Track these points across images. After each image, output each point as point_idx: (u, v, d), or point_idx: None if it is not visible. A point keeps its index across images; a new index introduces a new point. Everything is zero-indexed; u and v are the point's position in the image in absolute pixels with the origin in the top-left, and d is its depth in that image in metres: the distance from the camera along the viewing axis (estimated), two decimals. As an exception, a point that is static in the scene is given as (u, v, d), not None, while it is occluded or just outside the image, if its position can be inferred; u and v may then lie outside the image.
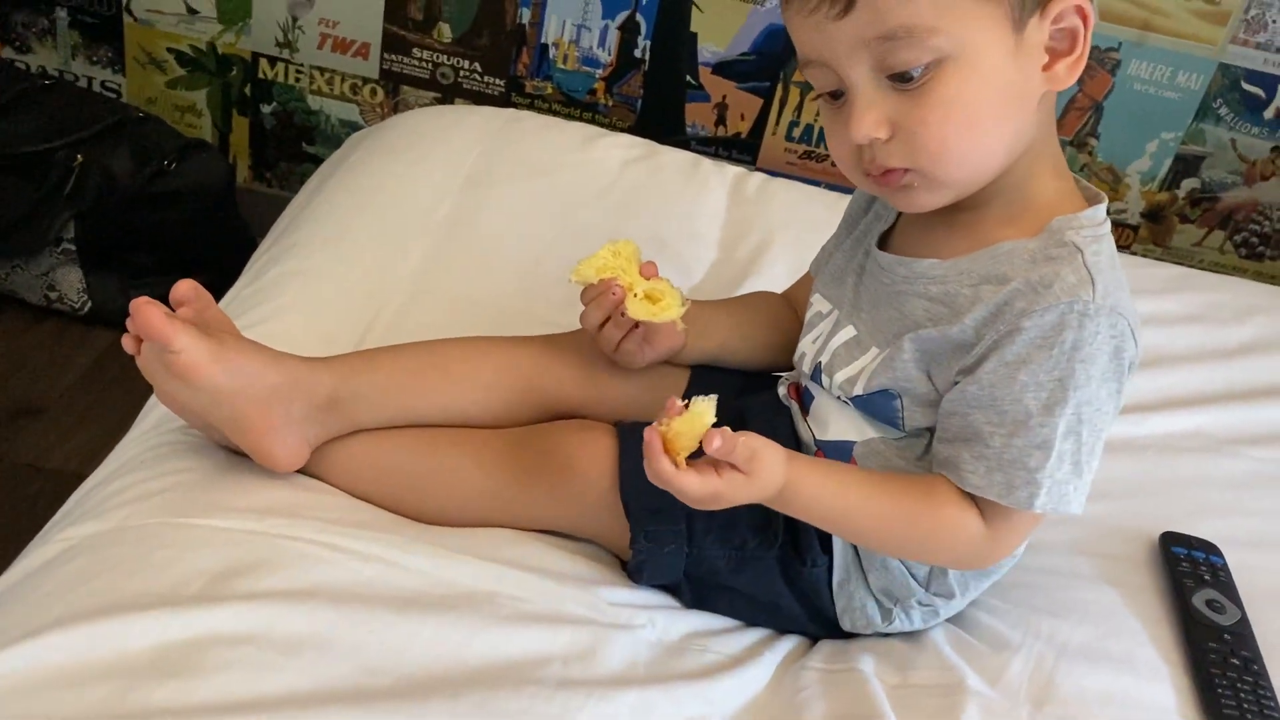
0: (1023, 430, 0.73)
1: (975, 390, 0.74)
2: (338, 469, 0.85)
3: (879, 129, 0.72)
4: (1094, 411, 0.73)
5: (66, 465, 1.43)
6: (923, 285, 0.78)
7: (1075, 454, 0.73)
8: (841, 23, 0.69)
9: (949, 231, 0.78)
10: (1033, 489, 0.73)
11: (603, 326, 0.87)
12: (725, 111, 1.70)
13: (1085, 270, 0.72)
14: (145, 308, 0.75)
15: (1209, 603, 0.91)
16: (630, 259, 0.86)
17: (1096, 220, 0.76)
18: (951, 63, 0.69)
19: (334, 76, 1.75)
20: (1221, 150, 1.66)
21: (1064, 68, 0.72)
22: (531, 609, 0.77)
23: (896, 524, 0.77)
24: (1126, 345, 0.73)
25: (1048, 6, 0.70)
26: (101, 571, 0.73)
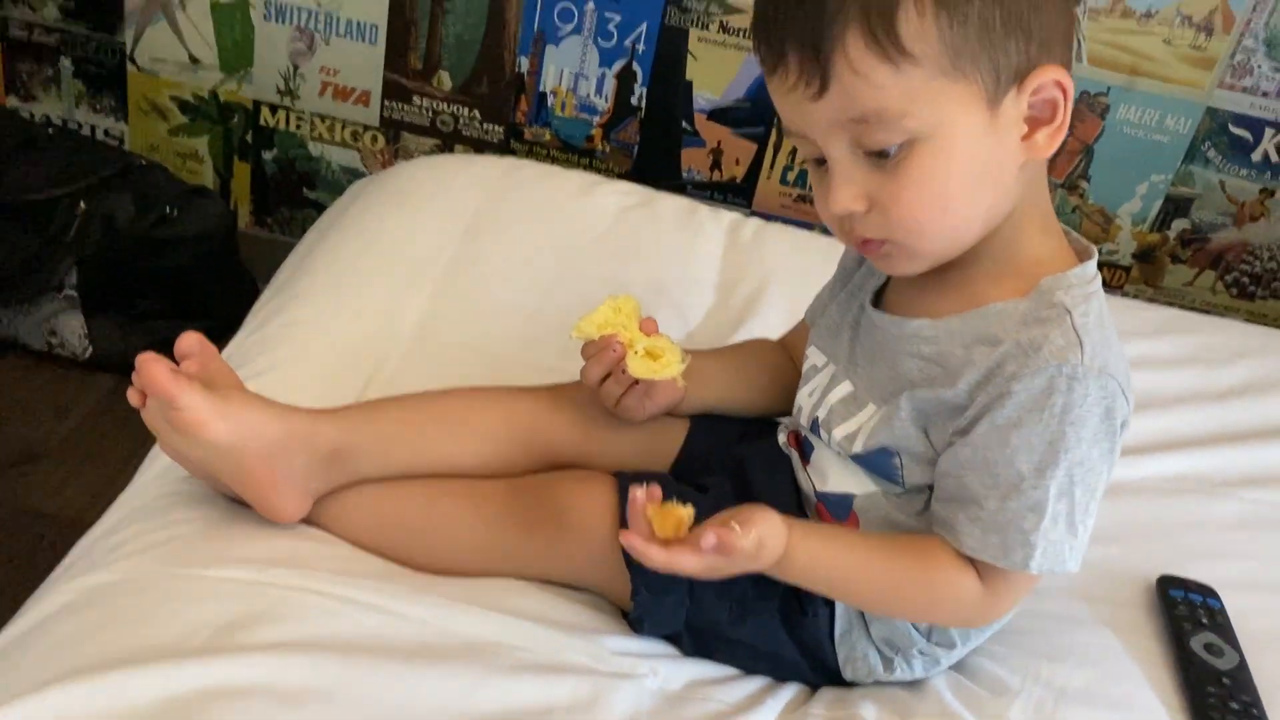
0: (1015, 493, 0.73)
1: (968, 453, 0.75)
2: (340, 519, 0.85)
3: (856, 203, 0.73)
4: (1086, 472, 0.74)
5: (67, 510, 1.44)
6: (916, 345, 0.79)
7: (1069, 514, 0.74)
8: (817, 103, 0.70)
9: (940, 291, 0.79)
10: (1028, 551, 0.74)
11: (603, 382, 0.88)
12: (720, 156, 1.72)
13: (1074, 333, 0.72)
14: (151, 364, 0.76)
15: (1207, 646, 0.91)
16: (631, 315, 0.87)
17: (1086, 278, 0.76)
18: (925, 142, 0.70)
19: (335, 123, 1.77)
20: (1211, 192, 1.68)
21: (1044, 136, 0.72)
22: (534, 659, 0.78)
23: (894, 588, 0.78)
24: (1117, 405, 0.74)
25: (1025, 81, 0.70)
26: (106, 624, 0.74)
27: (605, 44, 1.65)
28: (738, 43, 1.63)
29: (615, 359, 0.85)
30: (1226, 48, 1.56)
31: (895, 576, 0.77)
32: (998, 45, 0.69)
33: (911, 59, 0.68)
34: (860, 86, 0.68)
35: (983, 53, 0.68)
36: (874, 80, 0.68)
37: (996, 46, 0.69)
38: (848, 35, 0.67)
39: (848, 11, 0.67)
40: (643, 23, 1.63)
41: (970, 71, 0.69)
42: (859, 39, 0.67)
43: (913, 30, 0.67)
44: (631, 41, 1.64)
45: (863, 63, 0.68)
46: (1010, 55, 0.69)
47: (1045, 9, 0.70)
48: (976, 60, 0.68)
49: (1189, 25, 1.55)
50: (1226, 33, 1.55)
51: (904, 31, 0.67)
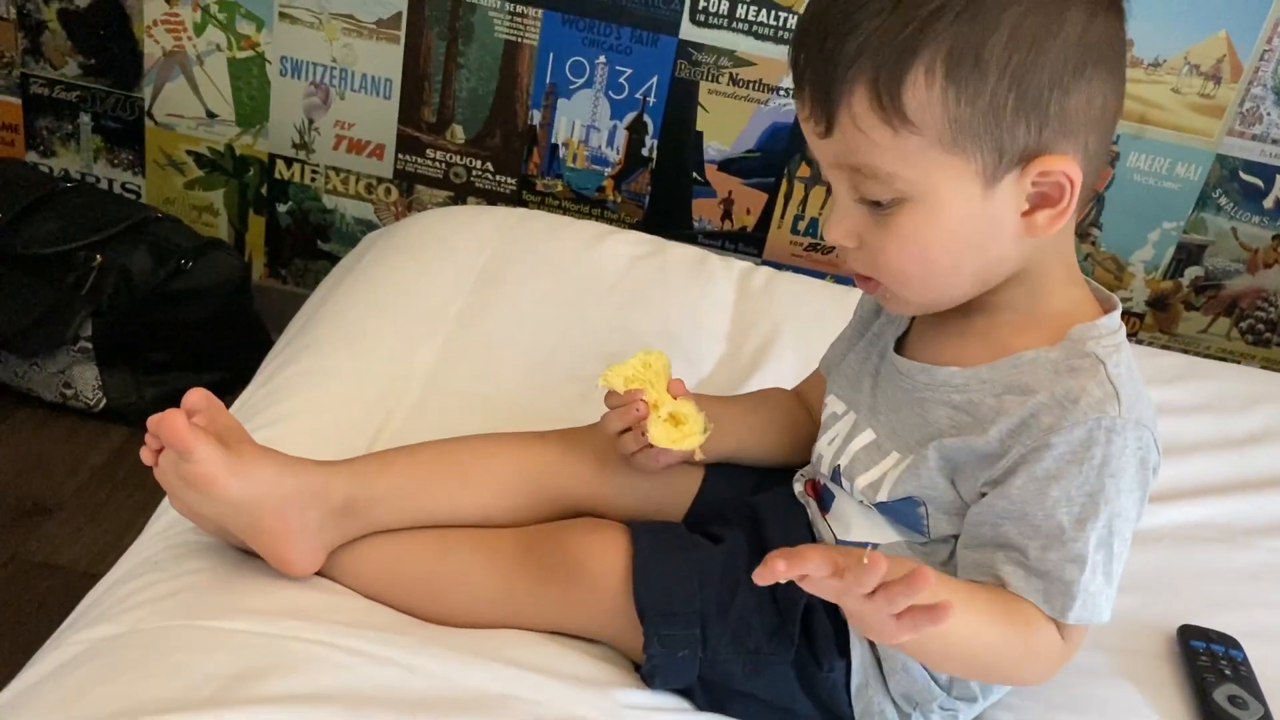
0: (1057, 544, 0.72)
1: (1005, 505, 0.74)
2: (351, 571, 0.85)
3: (847, 239, 0.74)
4: (1123, 523, 0.73)
5: (78, 564, 1.43)
6: (945, 393, 0.78)
7: (1107, 565, 0.74)
8: (823, 141, 0.71)
9: (963, 339, 0.79)
10: (1068, 600, 0.73)
11: (621, 433, 0.87)
12: (731, 206, 1.73)
13: (1110, 384, 0.72)
14: (168, 418, 0.76)
15: (1231, 698, 0.90)
16: (660, 373, 0.86)
17: (1113, 328, 0.76)
18: (913, 203, 0.71)
19: (349, 176, 1.79)
20: (1223, 239, 1.68)
21: (1044, 218, 0.71)
22: (546, 712, 0.76)
23: (1000, 651, 0.73)
24: (1150, 455, 0.73)
25: (1028, 166, 0.69)
26: (115, 676, 0.73)
27: (616, 96, 1.67)
28: (748, 94, 1.65)
29: (637, 417, 0.85)
30: (1235, 96, 1.57)
31: (1002, 639, 0.73)
32: (1005, 127, 0.68)
33: (912, 126, 0.68)
34: (859, 140, 0.69)
35: (987, 132, 0.68)
36: (872, 137, 0.69)
37: (1004, 128, 0.68)
38: (855, 91, 0.68)
39: (860, 68, 0.67)
40: (654, 76, 1.65)
41: (970, 148, 0.68)
42: (864, 97, 0.68)
43: (918, 100, 0.67)
44: (642, 94, 1.66)
45: (864, 119, 0.68)
46: (1018, 138, 0.68)
47: (1074, 94, 0.69)
48: (979, 139, 0.68)
49: (1197, 74, 1.56)
50: (1235, 81, 1.56)
51: (909, 100, 0.67)
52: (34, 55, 1.75)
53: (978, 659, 0.74)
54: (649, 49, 1.63)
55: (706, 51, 1.62)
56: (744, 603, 0.82)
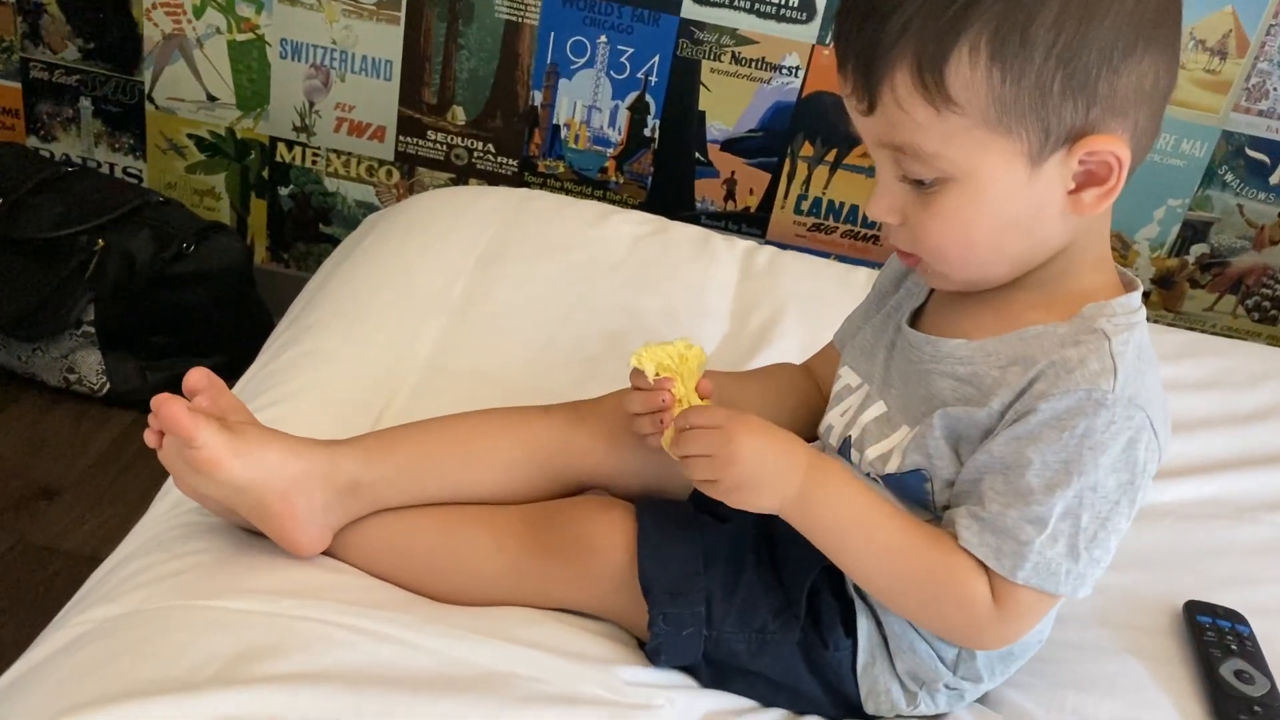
0: (1020, 503, 0.72)
1: (984, 459, 0.74)
2: (355, 549, 0.85)
3: (890, 216, 0.74)
4: (1097, 499, 0.72)
5: (83, 547, 1.44)
6: (950, 365, 0.78)
7: (1072, 537, 0.72)
8: (867, 119, 0.71)
9: (979, 313, 0.79)
10: (1018, 560, 0.73)
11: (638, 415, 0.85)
12: (734, 187, 1.73)
13: (1110, 359, 0.71)
14: (168, 404, 0.76)
15: (1237, 673, 0.89)
16: (693, 370, 0.84)
17: (1130, 308, 0.75)
18: (956, 183, 0.70)
19: (350, 159, 1.78)
20: (1229, 216, 1.67)
21: (1091, 197, 0.70)
22: (549, 690, 0.76)
23: (905, 565, 0.76)
24: (1142, 438, 0.72)
25: (1075, 145, 0.68)
26: (117, 656, 0.73)
27: (618, 76, 1.66)
28: (750, 73, 1.64)
29: (661, 408, 0.83)
30: (1241, 71, 1.56)
31: (911, 553, 0.75)
32: (1052, 107, 0.67)
33: (955, 106, 0.67)
34: (901, 119, 0.68)
35: (1033, 112, 0.67)
36: (915, 117, 0.68)
37: (1050, 108, 0.67)
38: (898, 70, 0.67)
39: (903, 47, 0.67)
40: (655, 55, 1.64)
41: (1015, 128, 0.67)
42: (907, 77, 0.67)
43: (962, 80, 0.66)
44: (644, 74, 1.65)
45: (907, 99, 0.68)
46: (1065, 118, 0.67)
47: (1125, 73, 0.67)
48: (1024, 119, 0.67)
49: (1203, 49, 1.55)
50: (1241, 56, 1.55)
51: (952, 79, 0.66)
52: (33, 39, 1.74)
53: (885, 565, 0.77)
54: (650, 28, 1.62)
55: (709, 30, 1.61)
56: (749, 582, 0.82)
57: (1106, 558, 0.75)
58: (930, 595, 0.77)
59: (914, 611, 0.80)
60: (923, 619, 0.81)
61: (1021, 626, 0.77)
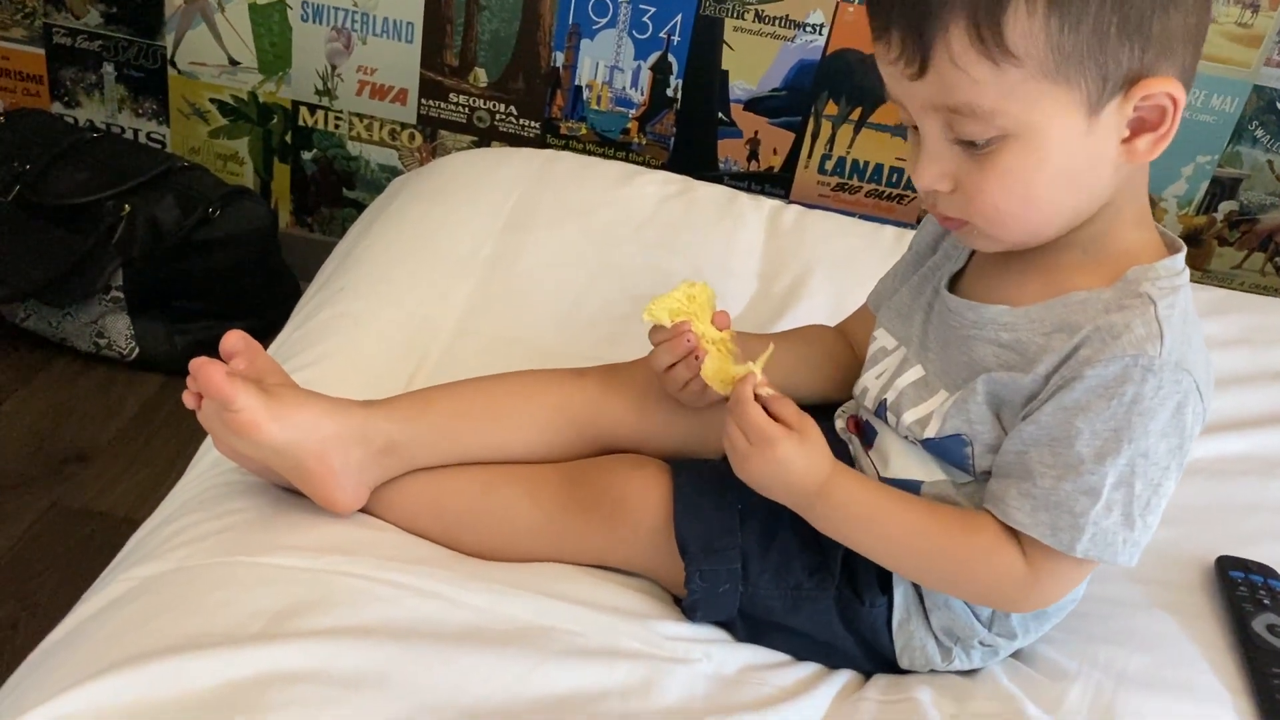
0: (1072, 475, 0.72)
1: (1033, 430, 0.74)
2: (394, 507, 0.86)
3: (940, 182, 0.73)
4: (1149, 465, 0.72)
5: (117, 509, 1.45)
6: (993, 331, 0.78)
7: (1126, 505, 0.73)
8: (915, 84, 0.69)
9: (1023, 277, 0.78)
10: (1075, 533, 0.73)
11: (670, 368, 0.85)
12: (758, 147, 1.72)
13: (1156, 324, 0.71)
14: (206, 367, 0.76)
15: (1270, 627, 0.90)
16: (705, 306, 0.84)
17: (1174, 270, 0.75)
18: (1015, 139, 0.69)
19: (373, 122, 1.78)
20: (1259, 172, 1.65)
21: (1145, 143, 0.70)
22: (587, 643, 0.78)
23: (931, 549, 0.77)
24: (1190, 402, 0.72)
25: (1131, 90, 0.68)
26: (162, 612, 0.74)
27: (640, 36, 1.65)
28: (774, 31, 1.62)
29: (688, 349, 0.83)
30: (1274, 24, 1.53)
31: (934, 537, 0.77)
32: (1110, 52, 0.66)
33: (1014, 59, 0.66)
34: (958, 78, 0.67)
35: (1091, 59, 0.66)
36: (972, 74, 0.67)
37: (1108, 53, 0.66)
38: (952, 27, 0.66)
39: (955, 3, 0.65)
40: (677, 14, 1.63)
41: (1075, 77, 0.67)
42: (963, 33, 0.66)
43: (1020, 30, 0.65)
44: (666, 33, 1.64)
45: (963, 57, 0.66)
46: (1122, 62, 0.67)
47: (1173, 13, 0.67)
48: (1083, 66, 0.66)
49: (1234, 2, 1.53)
50: (1274, 9, 1.52)
51: (1010, 31, 0.65)
52: (55, 4, 1.74)
53: (912, 553, 0.78)
54: (673, -14, 1.61)
55: (732, -12, 1.60)
56: (784, 540, 0.83)
57: (1156, 523, 0.75)
58: (959, 578, 0.79)
59: (946, 590, 0.81)
60: (957, 596, 0.82)
61: (1059, 592, 0.78)
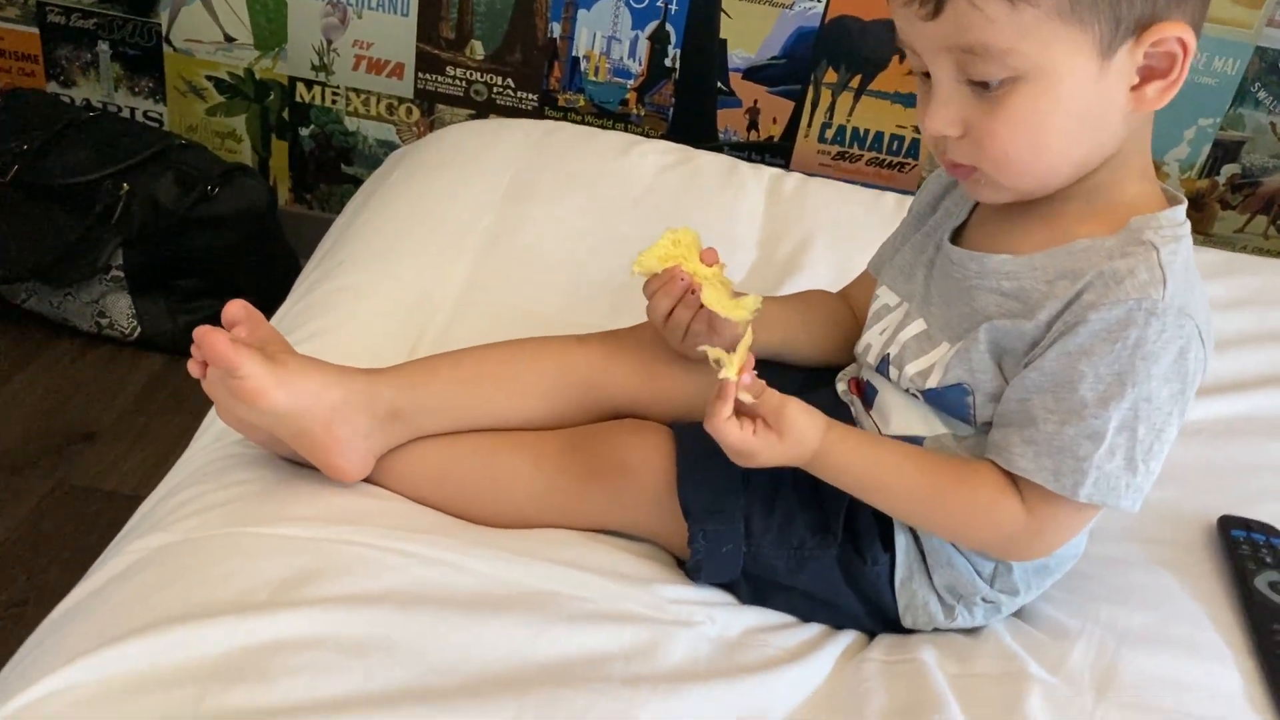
0: (1075, 419, 0.73)
1: (1036, 376, 0.74)
2: (398, 476, 0.86)
3: (951, 127, 0.73)
4: (1152, 410, 0.73)
5: (123, 487, 1.46)
6: (995, 280, 0.78)
7: (1129, 449, 0.73)
8: (929, 24, 0.69)
9: (1026, 226, 0.78)
10: (1079, 477, 0.73)
11: (670, 314, 0.85)
12: (757, 116, 1.71)
13: (1159, 269, 0.71)
14: (210, 334, 0.76)
15: (1272, 584, 0.90)
16: (691, 247, 0.85)
17: (1176, 221, 0.75)
18: (1027, 82, 0.69)
19: (370, 97, 1.77)
20: (1261, 134, 1.65)
21: (1155, 90, 0.70)
22: (593, 608, 0.78)
23: (929, 497, 0.78)
24: (1192, 347, 0.72)
25: (1143, 34, 0.68)
26: (170, 582, 0.75)
27: (637, 6, 1.64)
28: (772, -1, 1.61)
29: (683, 289, 0.83)
30: (1275, -16, 1.52)
31: (932, 485, 0.77)
32: None
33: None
34: (973, 17, 0.68)
35: (1105, 1, 0.67)
36: (988, 13, 0.67)
37: None
38: None
39: None
40: (675, -18, 1.62)
41: (1089, 18, 0.67)
42: None
43: None
44: (664, 2, 1.63)
45: None
46: (1135, 5, 0.67)
47: None
48: (1097, 7, 0.67)
49: (1236, -38, 1.52)
50: (1275, -32, 1.51)
51: None
52: (49, -18, 1.73)
53: (912, 501, 0.79)
54: (670, -46, 1.60)
55: (729, -45, 1.59)
56: (787, 500, 0.83)
57: (1159, 468, 0.75)
58: (962, 527, 0.79)
59: (948, 538, 0.82)
60: (959, 544, 0.82)
61: (1061, 539, 0.78)
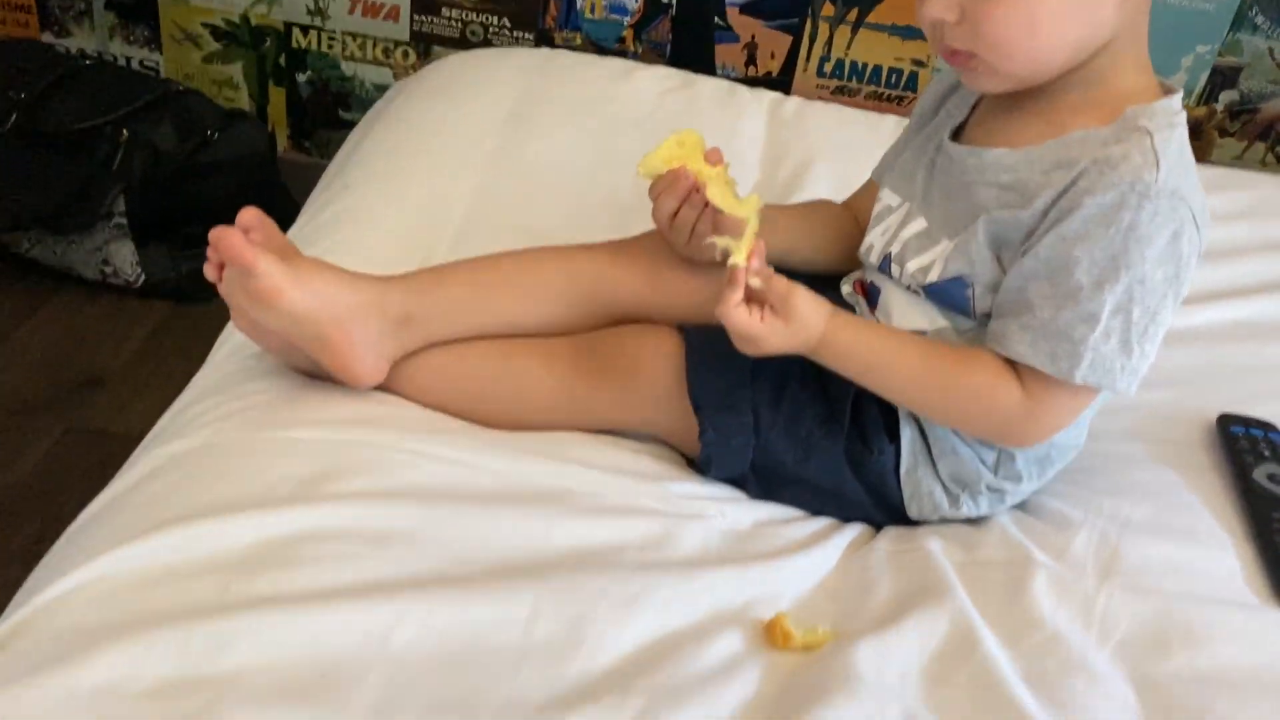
0: (1070, 304, 0.74)
1: (1032, 263, 0.76)
2: (412, 382, 0.87)
3: (948, 12, 0.74)
4: (1146, 292, 0.74)
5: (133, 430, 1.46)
6: (994, 174, 0.79)
7: (1124, 332, 0.74)
8: None
9: (1023, 120, 0.79)
10: (1075, 360, 0.75)
11: (675, 214, 0.86)
12: (755, 51, 1.71)
13: (1153, 153, 0.72)
14: (227, 235, 0.77)
15: (1270, 476, 0.92)
16: (695, 148, 0.85)
17: (1171, 110, 0.76)
18: None
19: (366, 41, 1.77)
20: (1259, 60, 1.65)
21: None
22: (606, 503, 0.80)
23: (930, 383, 0.80)
24: (1185, 230, 0.74)
25: None
26: (193, 482, 0.77)
27: (633, -60, 1.63)
28: (768, -71, 1.61)
29: (688, 187, 0.84)
30: (1272, -96, 1.52)
31: (933, 370, 0.79)
32: None
33: None
34: None
35: None
36: None
37: None
38: None
39: None
40: (670, -85, 1.61)
41: None
42: None
43: None
44: (660, -64, 1.63)
45: None
46: None
47: None
48: None
49: (1232, -119, 1.51)
50: (1272, -113, 1.51)
51: None
52: (41, -71, 1.72)
53: (913, 387, 0.81)
54: (665, -113, 1.59)
55: (724, -114, 1.58)
56: (795, 393, 0.85)
57: (1154, 352, 0.77)
58: (962, 413, 0.81)
59: (948, 423, 0.84)
60: (960, 429, 0.84)
61: (1059, 422, 0.80)
